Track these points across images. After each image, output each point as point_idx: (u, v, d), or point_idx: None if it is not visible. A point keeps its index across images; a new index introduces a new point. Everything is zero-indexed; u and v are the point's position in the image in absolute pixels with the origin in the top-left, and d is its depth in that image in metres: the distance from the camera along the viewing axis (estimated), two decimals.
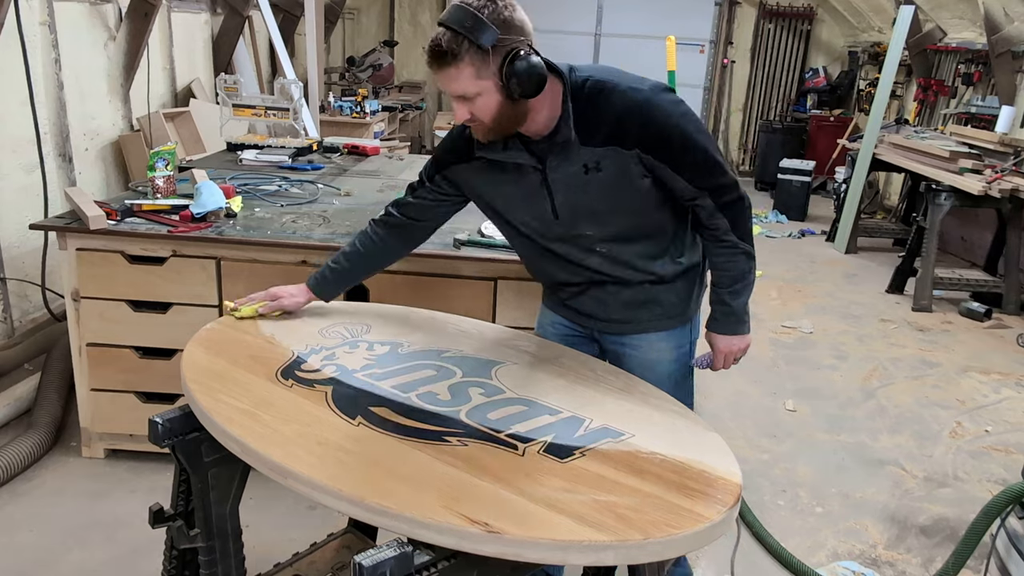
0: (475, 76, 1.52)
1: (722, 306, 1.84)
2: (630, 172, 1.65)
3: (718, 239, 1.76)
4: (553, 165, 1.68)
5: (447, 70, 1.52)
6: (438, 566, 1.19)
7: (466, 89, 1.54)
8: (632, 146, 1.62)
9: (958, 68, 6.83)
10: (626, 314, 1.87)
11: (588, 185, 1.67)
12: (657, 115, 1.62)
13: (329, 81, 8.23)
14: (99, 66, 4.42)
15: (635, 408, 1.59)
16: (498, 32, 1.49)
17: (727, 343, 1.88)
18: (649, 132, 1.61)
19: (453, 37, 1.49)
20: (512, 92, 1.53)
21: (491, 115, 1.58)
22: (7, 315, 3.61)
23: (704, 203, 1.70)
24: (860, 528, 2.77)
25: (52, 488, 2.70)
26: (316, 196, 3.19)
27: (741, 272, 1.79)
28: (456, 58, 1.50)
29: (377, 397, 1.53)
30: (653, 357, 1.90)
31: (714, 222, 1.73)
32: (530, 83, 1.52)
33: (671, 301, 1.87)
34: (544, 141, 1.67)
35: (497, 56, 1.51)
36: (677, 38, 4.66)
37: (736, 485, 1.33)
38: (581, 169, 1.66)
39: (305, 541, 2.14)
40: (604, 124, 1.62)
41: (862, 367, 4.18)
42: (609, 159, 1.64)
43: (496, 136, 1.64)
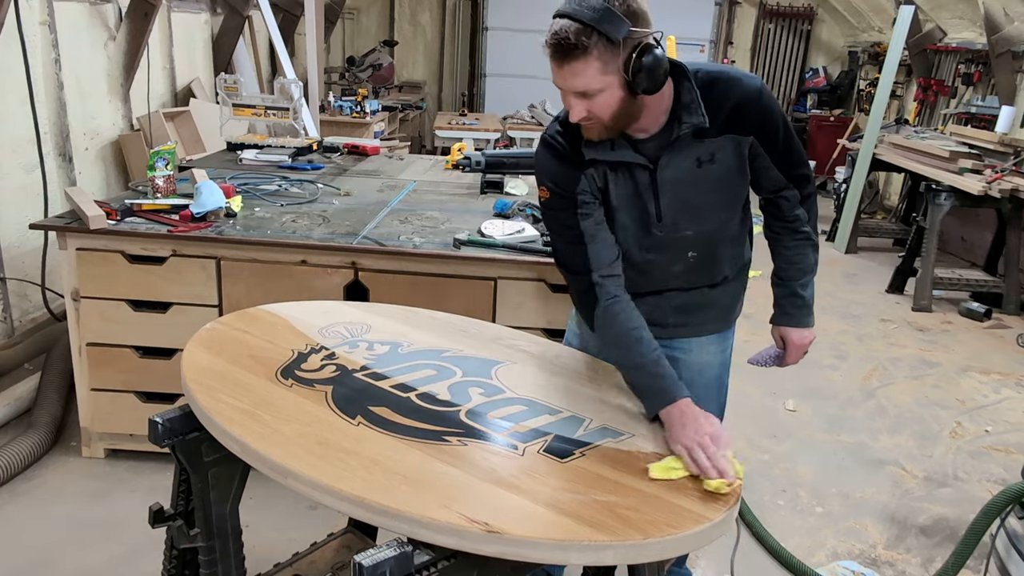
0: (601, 71, 1.44)
1: (795, 299, 1.84)
2: (742, 161, 1.67)
3: (796, 231, 1.78)
4: (664, 163, 1.63)
5: (572, 64, 1.44)
6: (438, 566, 1.19)
7: (589, 84, 1.46)
8: (749, 132, 1.63)
9: (958, 68, 6.83)
10: (679, 318, 1.84)
11: (699, 179, 1.65)
12: (770, 104, 1.64)
13: (329, 81, 8.23)
14: (99, 66, 4.42)
15: (635, 408, 1.59)
16: (629, 24, 1.42)
17: (800, 336, 1.88)
18: (764, 120, 1.63)
19: (582, 29, 1.40)
20: (637, 87, 1.47)
21: (611, 112, 1.51)
22: (7, 315, 3.61)
23: (790, 194, 1.74)
24: (860, 528, 2.77)
25: (52, 488, 2.70)
26: (316, 196, 3.19)
27: (811, 264, 1.82)
28: (585, 51, 1.41)
29: (377, 397, 1.53)
30: (704, 360, 1.90)
31: (795, 213, 1.76)
32: (656, 77, 1.47)
33: (724, 303, 1.88)
34: (653, 139, 1.62)
35: (625, 49, 1.44)
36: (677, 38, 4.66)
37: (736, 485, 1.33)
38: (694, 163, 1.64)
39: (305, 541, 2.14)
40: (721, 113, 1.60)
41: (862, 367, 4.18)
42: (725, 149, 1.64)
43: (611, 135, 1.58)
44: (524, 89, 8.71)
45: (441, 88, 9.96)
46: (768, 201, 1.79)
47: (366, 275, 2.61)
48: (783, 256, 1.83)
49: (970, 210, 5.56)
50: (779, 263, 1.85)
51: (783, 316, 1.88)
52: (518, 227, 2.71)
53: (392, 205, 3.13)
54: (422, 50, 9.87)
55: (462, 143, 4.32)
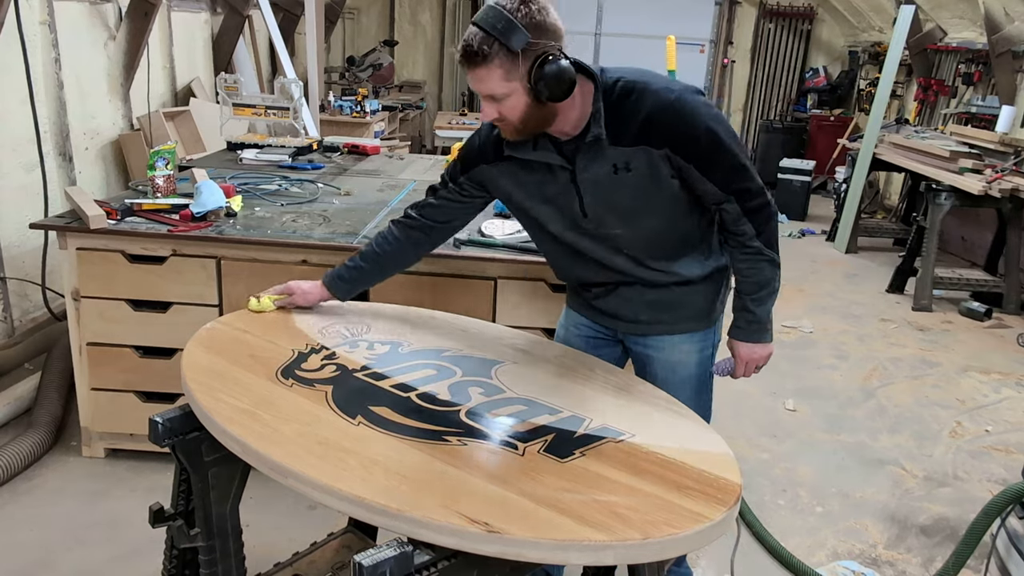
0: (504, 78, 1.53)
1: (745, 313, 1.84)
2: (659, 172, 1.65)
3: (743, 245, 1.75)
4: (582, 165, 1.68)
5: (476, 70, 1.54)
6: (438, 566, 1.19)
7: (494, 90, 1.55)
8: (661, 145, 1.62)
9: (958, 68, 6.82)
10: (651, 315, 1.87)
11: (617, 185, 1.68)
12: (687, 115, 1.62)
13: (329, 80, 8.23)
14: (99, 65, 4.42)
15: (635, 408, 1.59)
16: (528, 36, 1.50)
17: (749, 351, 1.88)
18: (679, 132, 1.62)
19: (484, 38, 1.50)
20: (540, 95, 1.54)
21: (519, 116, 1.59)
22: (7, 314, 3.61)
23: (730, 208, 1.70)
24: (860, 528, 2.77)
25: (52, 487, 2.70)
26: (316, 195, 3.19)
27: (765, 279, 1.79)
28: (486, 59, 1.51)
29: (377, 397, 1.53)
30: (676, 359, 1.90)
31: (739, 227, 1.73)
32: (559, 87, 1.53)
33: (696, 304, 1.88)
34: (573, 141, 1.68)
35: (527, 59, 1.52)
36: (677, 38, 4.65)
37: (736, 485, 1.33)
38: (611, 169, 1.66)
39: (305, 541, 2.14)
40: (634, 124, 1.62)
41: (862, 367, 4.18)
42: (639, 159, 1.64)
43: (524, 136, 1.66)
44: None
45: (441, 88, 9.96)
46: (716, 213, 1.77)
47: None
48: (736, 269, 1.83)
49: (970, 210, 5.56)
50: (735, 276, 1.85)
51: (734, 329, 1.88)
52: (518, 227, 2.71)
53: (392, 205, 3.13)
54: (422, 50, 9.87)
55: (462, 143, 4.32)
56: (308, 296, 1.94)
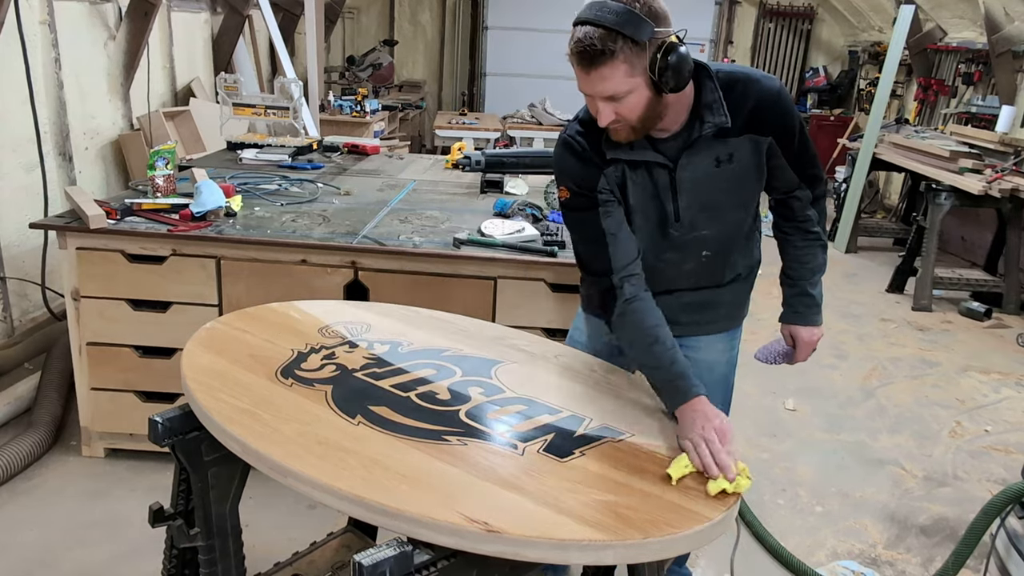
0: (628, 74, 1.45)
1: (804, 298, 1.87)
2: (761, 160, 1.68)
3: (807, 231, 1.81)
4: (684, 163, 1.64)
5: (600, 70, 1.45)
6: (438, 565, 1.19)
7: (617, 88, 1.47)
8: (768, 133, 1.65)
9: (958, 68, 6.82)
10: (690, 316, 1.85)
11: (717, 179, 1.67)
12: (788, 105, 1.67)
13: (329, 80, 8.23)
14: (99, 65, 4.42)
15: (635, 407, 1.59)
16: (652, 24, 1.43)
17: (810, 333, 1.91)
18: (783, 120, 1.66)
19: (606, 34, 1.41)
20: (664, 86, 1.47)
21: (639, 113, 1.52)
22: (7, 314, 3.61)
23: (803, 195, 1.76)
24: (860, 527, 2.77)
25: (52, 487, 2.70)
26: (316, 195, 3.19)
27: (821, 264, 1.85)
28: (612, 56, 1.43)
29: (377, 396, 1.53)
30: (712, 358, 1.91)
31: (806, 213, 1.79)
32: (683, 75, 1.47)
33: (732, 302, 1.90)
34: (674, 138, 1.64)
35: (650, 50, 1.45)
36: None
37: None
38: (713, 162, 1.65)
39: (305, 540, 2.14)
40: (742, 113, 1.62)
41: (862, 366, 4.18)
42: (743, 148, 1.65)
43: (639, 136, 1.59)
44: (524, 88, 8.71)
45: (441, 87, 9.96)
46: (780, 202, 1.81)
47: (366, 275, 2.61)
48: (793, 256, 1.85)
49: (970, 210, 5.55)
50: (789, 263, 1.87)
51: (794, 315, 1.90)
52: (518, 227, 2.71)
53: (392, 204, 3.13)
54: (422, 49, 9.87)
55: (462, 142, 4.32)
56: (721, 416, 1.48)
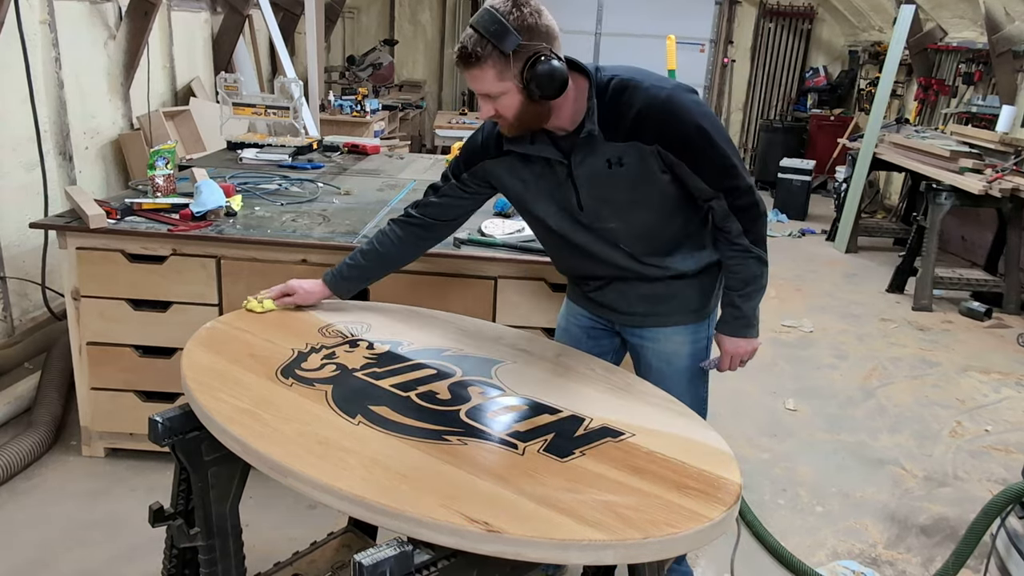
0: (497, 78, 1.59)
1: (732, 308, 1.88)
2: (650, 167, 1.70)
3: (730, 242, 1.79)
4: (578, 160, 1.73)
5: (471, 70, 1.60)
6: (438, 565, 1.19)
7: (489, 89, 1.61)
8: (652, 141, 1.67)
9: (959, 67, 6.82)
10: (646, 307, 1.92)
11: (611, 179, 1.73)
12: (677, 112, 1.66)
13: (329, 80, 8.23)
14: (99, 65, 4.42)
15: (635, 407, 1.59)
16: (520, 38, 1.55)
17: (734, 345, 1.91)
18: (669, 129, 1.66)
19: (479, 40, 1.56)
20: (532, 94, 1.60)
21: (514, 113, 1.65)
22: (7, 314, 3.61)
23: (719, 204, 1.74)
24: (860, 527, 2.77)
25: (52, 487, 2.70)
26: (316, 195, 3.19)
27: (752, 276, 1.82)
28: (480, 60, 1.57)
29: (377, 396, 1.53)
30: (671, 350, 1.94)
31: (727, 224, 1.77)
32: (550, 86, 1.59)
33: (689, 297, 1.92)
34: (570, 136, 1.72)
35: (518, 60, 1.58)
36: (677, 37, 4.65)
37: (736, 484, 1.33)
38: (605, 164, 1.71)
39: (305, 540, 2.14)
40: (626, 120, 1.67)
41: (862, 366, 4.18)
42: (631, 155, 1.69)
43: (521, 132, 1.72)
44: None
45: (441, 87, 9.96)
46: (708, 209, 1.80)
47: None
48: (725, 265, 1.87)
49: (970, 209, 5.55)
50: (724, 272, 1.89)
51: (721, 323, 1.92)
52: (518, 226, 2.71)
53: (392, 204, 3.13)
54: (422, 49, 9.87)
55: (462, 142, 4.32)
56: (310, 295, 1.97)
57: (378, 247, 2.00)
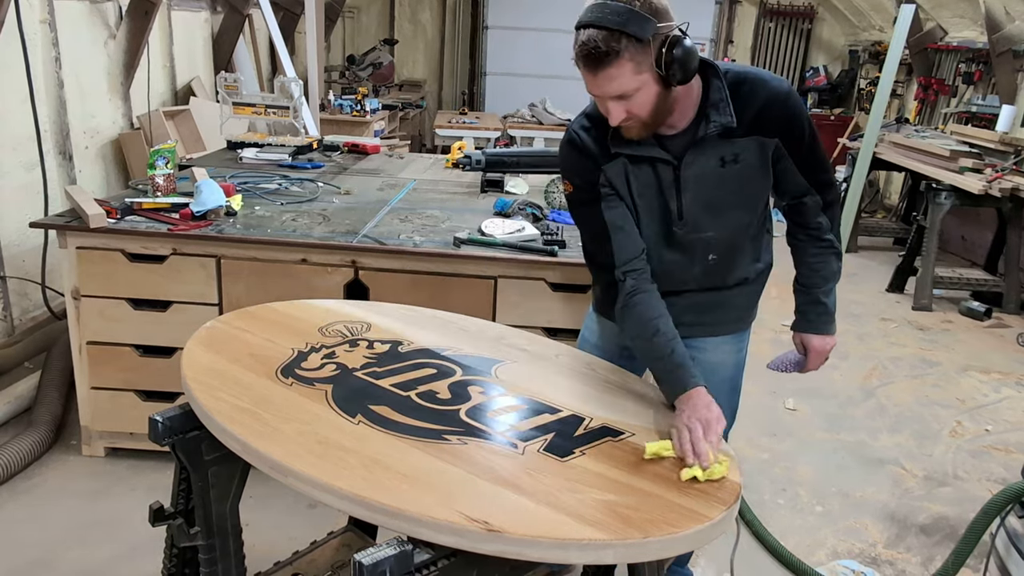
0: (635, 71, 1.47)
1: (816, 306, 1.85)
2: (767, 162, 1.67)
3: (818, 238, 1.79)
4: (688, 160, 1.65)
5: (607, 70, 1.47)
6: (438, 564, 1.19)
7: (626, 87, 1.49)
8: (775, 134, 1.65)
9: (959, 67, 6.82)
10: (695, 317, 1.84)
11: (722, 178, 1.67)
12: (797, 107, 1.66)
13: (329, 79, 8.23)
14: (99, 64, 4.41)
15: (635, 407, 1.59)
16: (654, 21, 1.44)
17: (822, 343, 1.89)
18: (790, 123, 1.65)
19: (610, 35, 1.43)
20: (672, 79, 1.49)
21: (649, 108, 1.54)
22: (7, 313, 3.61)
23: (812, 200, 1.74)
24: (860, 527, 2.77)
25: (52, 486, 2.70)
26: (316, 194, 3.19)
27: (833, 272, 1.83)
28: (617, 56, 1.45)
29: (377, 395, 1.53)
30: (718, 360, 1.89)
31: (817, 220, 1.77)
32: (689, 67, 1.49)
33: (741, 305, 1.89)
34: (680, 136, 1.65)
35: (654, 46, 1.46)
36: None
37: (736, 484, 1.33)
38: (718, 162, 1.66)
39: (305, 539, 2.14)
40: (749, 113, 1.63)
41: (862, 366, 4.18)
42: (749, 149, 1.65)
43: (651, 131, 1.61)
44: (524, 88, 8.70)
45: (441, 87, 9.95)
46: (790, 207, 1.79)
47: (366, 274, 2.61)
48: (805, 263, 1.83)
49: (970, 209, 5.55)
50: (801, 270, 1.86)
51: (805, 323, 1.89)
52: (518, 226, 2.71)
53: (392, 204, 3.13)
54: (422, 49, 9.86)
55: (462, 142, 4.32)
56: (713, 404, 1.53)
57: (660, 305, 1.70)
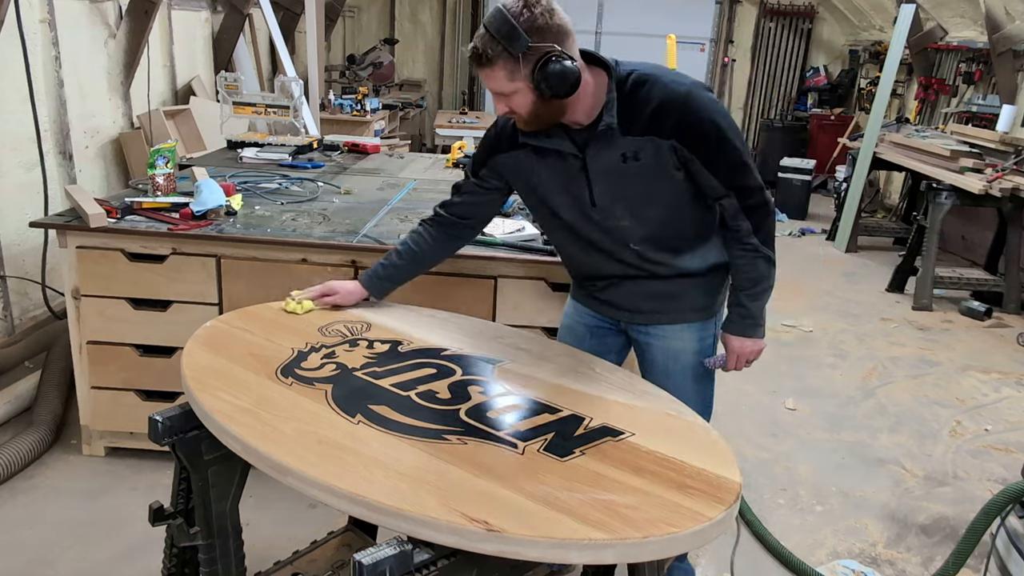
0: (508, 78, 1.60)
1: (739, 308, 1.88)
2: (665, 163, 1.70)
3: (740, 241, 1.80)
4: (592, 153, 1.73)
5: (483, 70, 1.62)
6: (438, 564, 1.19)
7: (501, 88, 1.63)
8: (668, 136, 1.67)
9: (959, 67, 6.82)
10: (652, 306, 1.92)
11: (625, 174, 1.73)
12: (695, 108, 1.67)
13: (329, 79, 8.23)
14: (99, 64, 4.42)
15: (635, 407, 1.59)
16: (530, 40, 1.55)
17: (741, 344, 1.91)
18: (686, 124, 1.67)
19: (489, 40, 1.57)
20: (544, 94, 1.60)
21: (527, 111, 1.66)
22: (7, 313, 3.61)
23: (729, 203, 1.75)
24: (860, 527, 2.77)
25: (52, 486, 2.70)
26: (316, 194, 3.19)
27: (760, 275, 1.83)
28: (491, 61, 1.58)
29: (377, 395, 1.53)
30: (677, 347, 1.94)
31: (737, 223, 1.77)
32: (561, 86, 1.59)
33: (696, 296, 1.92)
34: (586, 130, 1.72)
35: (528, 61, 1.57)
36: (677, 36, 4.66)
37: (736, 484, 1.33)
38: (620, 158, 1.71)
39: (305, 539, 2.14)
40: (644, 114, 1.67)
41: (862, 366, 4.18)
42: (647, 149, 1.69)
43: (537, 127, 1.72)
44: None
45: (441, 86, 9.95)
46: (718, 208, 1.80)
47: None
48: (733, 264, 1.87)
49: (971, 209, 5.55)
50: (731, 271, 1.89)
51: (727, 323, 1.92)
52: (518, 226, 2.71)
53: (392, 203, 3.13)
54: (422, 48, 9.86)
55: (462, 141, 4.32)
56: (350, 295, 1.99)
57: (412, 246, 2.01)
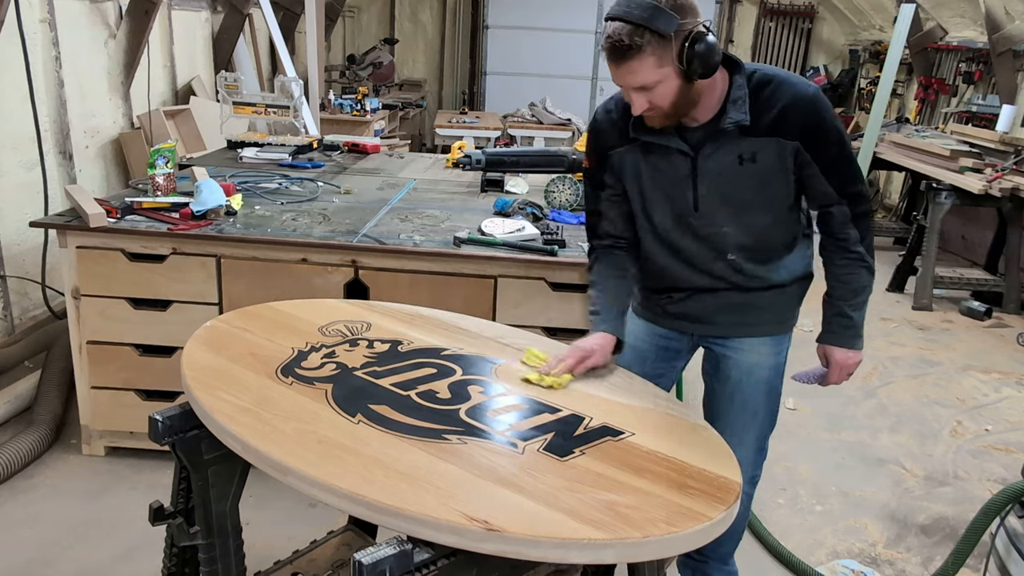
0: (656, 65, 1.53)
1: (842, 318, 1.83)
2: (785, 165, 1.67)
3: (847, 250, 1.76)
4: (706, 153, 1.68)
5: (628, 63, 1.53)
6: (438, 564, 1.19)
7: (647, 79, 1.55)
8: (795, 137, 1.64)
9: (959, 67, 6.82)
10: (731, 318, 1.86)
11: (739, 176, 1.68)
12: (823, 112, 1.65)
13: (329, 79, 8.23)
14: (99, 64, 4.42)
15: (635, 407, 1.59)
16: (677, 17, 1.50)
17: (844, 356, 1.87)
18: (814, 127, 1.64)
19: (633, 29, 1.50)
20: (692, 74, 1.54)
21: (670, 100, 1.59)
22: (7, 312, 3.61)
23: (840, 211, 1.72)
24: (860, 527, 2.77)
25: (52, 485, 2.70)
26: (316, 194, 3.19)
27: (863, 285, 1.79)
28: (639, 50, 1.51)
29: (377, 395, 1.53)
30: (754, 361, 1.89)
31: (845, 232, 1.74)
32: (710, 63, 1.54)
33: (779, 308, 1.88)
34: (701, 129, 1.68)
35: (677, 41, 1.52)
36: None
37: (736, 484, 1.33)
38: (736, 159, 1.67)
39: (305, 539, 2.14)
40: (770, 114, 1.63)
41: (862, 366, 4.13)
42: (768, 150, 1.65)
43: (673, 121, 1.65)
44: (525, 87, 8.70)
45: (441, 86, 9.95)
46: (819, 216, 1.78)
47: (366, 273, 2.61)
48: (833, 274, 1.82)
49: (971, 209, 5.55)
50: (830, 281, 1.83)
51: (828, 335, 1.86)
52: (518, 225, 2.71)
53: (392, 203, 3.13)
54: (422, 48, 9.86)
55: (462, 141, 4.33)
56: (605, 349, 1.75)
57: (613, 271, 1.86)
